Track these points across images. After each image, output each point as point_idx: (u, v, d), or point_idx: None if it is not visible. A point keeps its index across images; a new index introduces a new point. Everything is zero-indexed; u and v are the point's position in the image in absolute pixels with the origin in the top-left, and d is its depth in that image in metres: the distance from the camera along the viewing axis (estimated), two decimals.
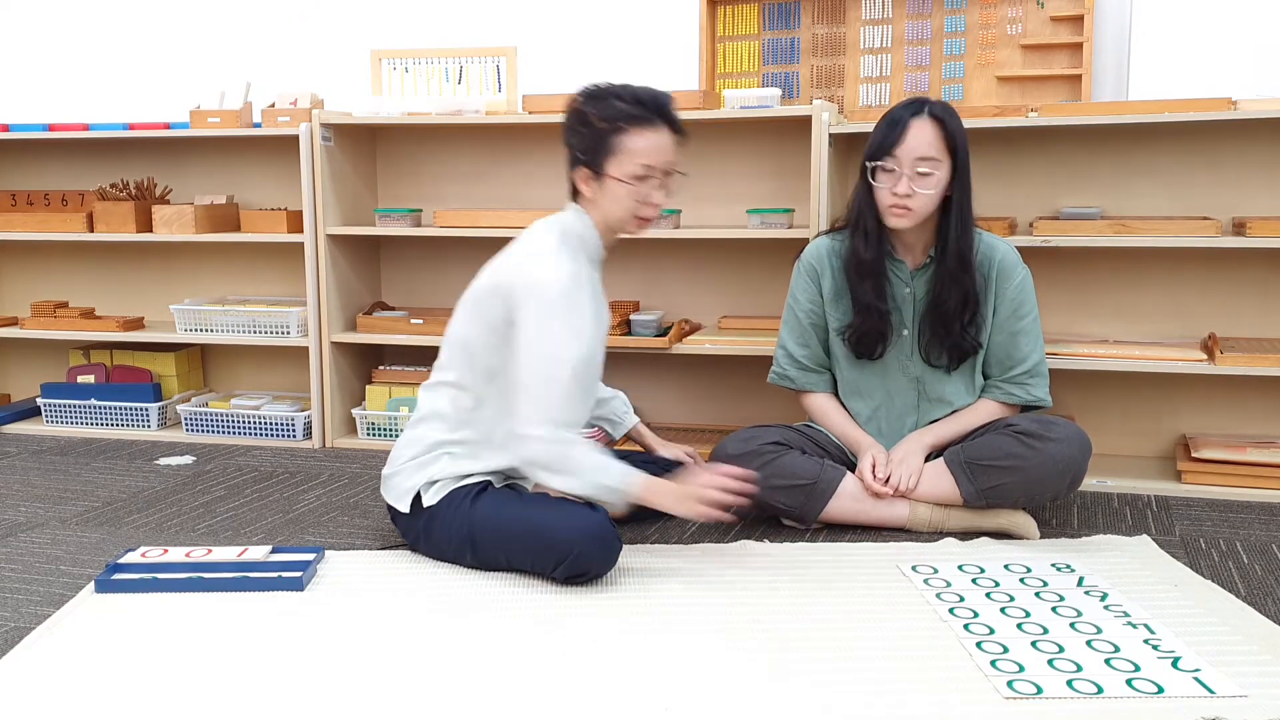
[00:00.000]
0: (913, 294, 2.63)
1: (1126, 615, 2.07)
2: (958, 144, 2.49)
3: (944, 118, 2.48)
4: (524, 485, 2.44)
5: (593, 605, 2.14)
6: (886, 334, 2.62)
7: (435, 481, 2.35)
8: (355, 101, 3.53)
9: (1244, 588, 2.25)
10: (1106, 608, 2.11)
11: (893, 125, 2.48)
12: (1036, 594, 2.19)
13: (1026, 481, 2.51)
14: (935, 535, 2.57)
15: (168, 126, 3.67)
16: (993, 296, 2.63)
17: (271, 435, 3.64)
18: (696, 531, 2.63)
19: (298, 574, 2.24)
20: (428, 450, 2.37)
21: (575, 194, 2.39)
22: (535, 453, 2.23)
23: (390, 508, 2.45)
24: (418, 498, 2.36)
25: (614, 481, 2.23)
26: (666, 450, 2.74)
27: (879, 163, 2.49)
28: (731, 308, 3.58)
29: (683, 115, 3.18)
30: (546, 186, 3.68)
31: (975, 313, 2.59)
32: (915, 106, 2.49)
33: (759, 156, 3.47)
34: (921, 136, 2.45)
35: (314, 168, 3.49)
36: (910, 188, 2.46)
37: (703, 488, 2.24)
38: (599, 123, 2.27)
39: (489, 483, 2.37)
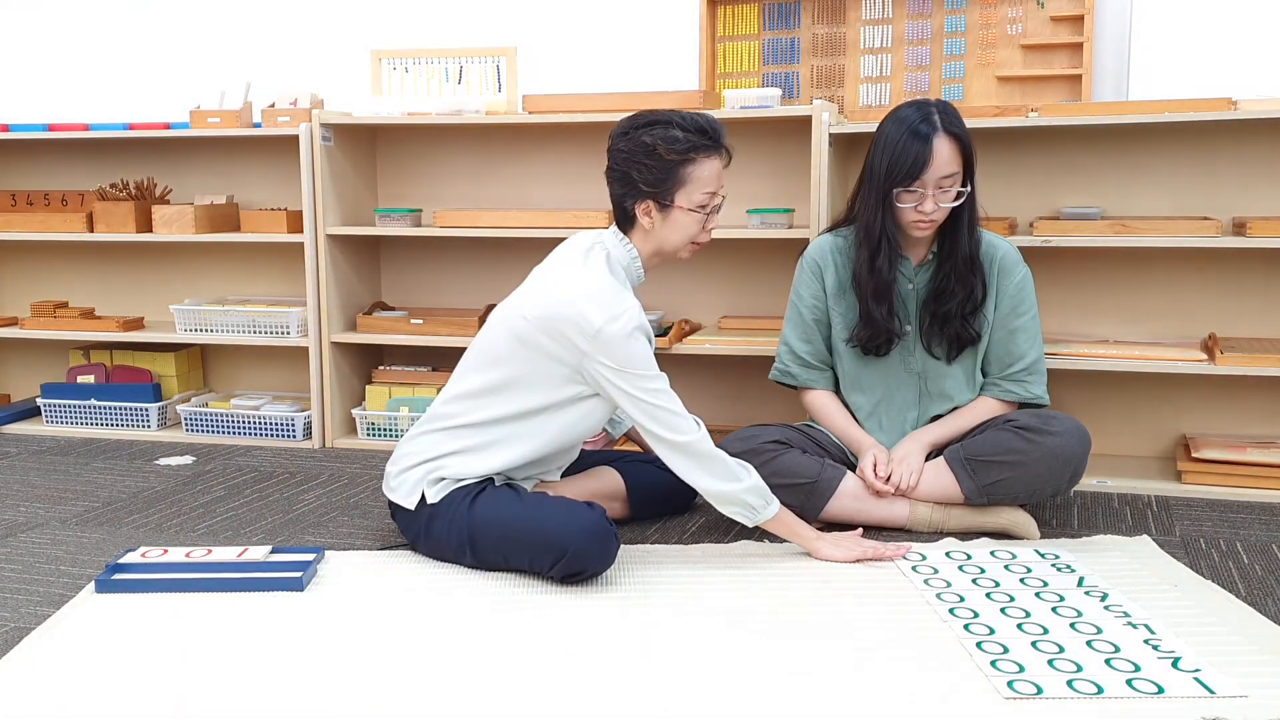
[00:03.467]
0: (915, 290, 2.64)
1: (1127, 615, 2.07)
2: (969, 151, 2.50)
3: (958, 132, 2.48)
4: (523, 485, 2.44)
5: (593, 605, 2.14)
6: (893, 337, 2.63)
7: (441, 479, 2.35)
8: (355, 101, 3.53)
9: (1244, 588, 2.25)
10: (1107, 608, 2.11)
11: (915, 150, 2.46)
12: (1037, 594, 2.19)
13: (1027, 476, 2.51)
14: (935, 535, 2.57)
15: (168, 126, 3.67)
16: (994, 294, 2.64)
17: (271, 435, 3.64)
18: (696, 531, 2.63)
19: (298, 574, 2.24)
20: (440, 455, 2.37)
21: (625, 222, 2.38)
22: (695, 449, 2.29)
23: (391, 505, 2.45)
24: (422, 495, 2.36)
25: (759, 501, 2.32)
26: None
27: (905, 187, 2.48)
28: (731, 308, 3.58)
29: None
30: (546, 186, 3.68)
31: (977, 305, 2.60)
32: (927, 123, 2.47)
33: (759, 156, 3.46)
34: (944, 157, 2.46)
35: (314, 168, 3.49)
36: (935, 204, 2.48)
37: (861, 545, 2.39)
38: (669, 155, 2.28)
39: (489, 481, 2.37)
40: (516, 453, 2.36)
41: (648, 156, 2.29)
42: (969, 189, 2.52)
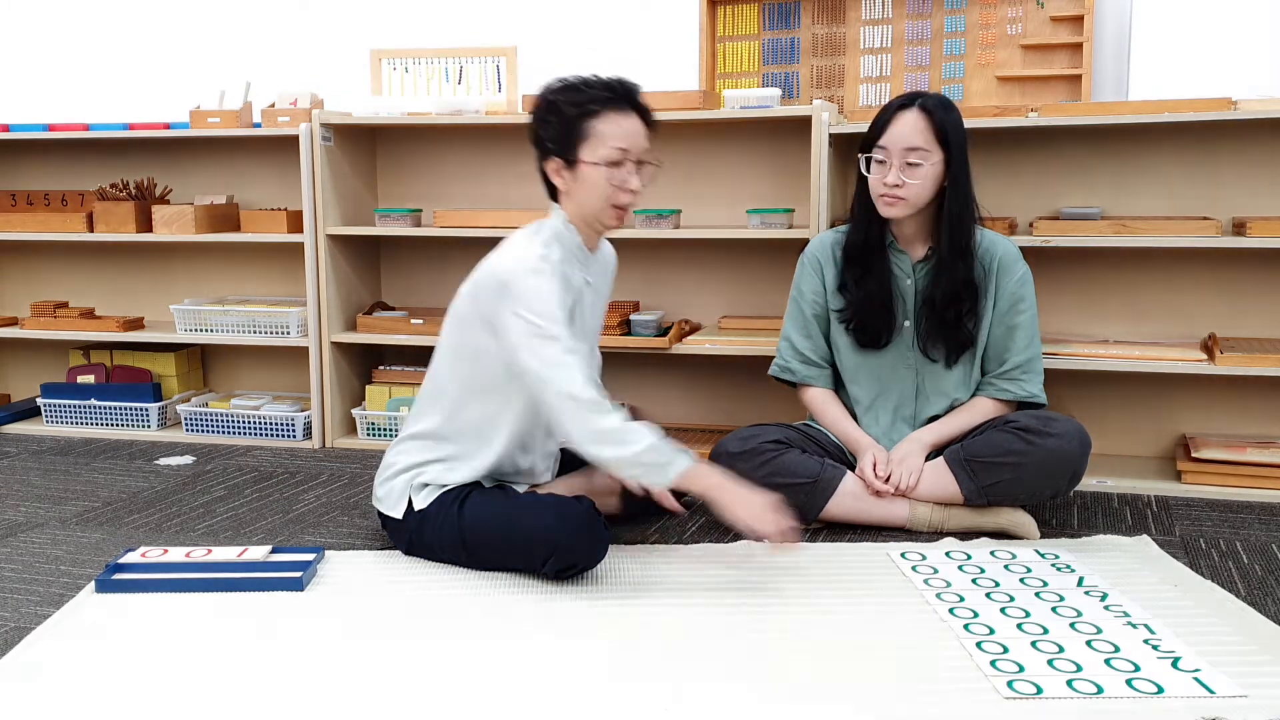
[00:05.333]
0: (914, 286, 2.65)
1: (1126, 615, 2.07)
2: (950, 136, 2.51)
3: (935, 110, 2.52)
4: (513, 486, 2.44)
5: (593, 604, 2.14)
6: (890, 324, 2.63)
7: (426, 484, 2.36)
8: (355, 101, 3.52)
9: (1244, 588, 2.25)
10: (1106, 608, 2.11)
11: (882, 116, 2.55)
12: (1036, 594, 2.19)
13: (1027, 478, 2.51)
14: (935, 535, 2.57)
15: (168, 126, 3.67)
16: (993, 291, 2.64)
17: (271, 435, 3.64)
18: (696, 531, 2.63)
19: (298, 574, 2.24)
20: (420, 463, 2.38)
21: (550, 191, 2.38)
22: (576, 431, 2.18)
23: (382, 516, 2.46)
24: (409, 502, 2.37)
25: (664, 457, 2.16)
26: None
27: (869, 154, 2.55)
28: (731, 308, 3.58)
29: (682, 115, 3.22)
30: None
31: (973, 304, 2.60)
32: (908, 99, 2.55)
33: (759, 156, 3.46)
34: (909, 126, 2.50)
35: (314, 168, 3.49)
36: (899, 177, 2.50)
37: (774, 510, 2.17)
38: (570, 109, 2.26)
39: (477, 483, 2.38)
40: (490, 456, 2.36)
41: (550, 113, 2.28)
42: (940, 166, 2.52)
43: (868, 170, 2.57)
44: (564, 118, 2.26)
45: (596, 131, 2.26)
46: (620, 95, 2.29)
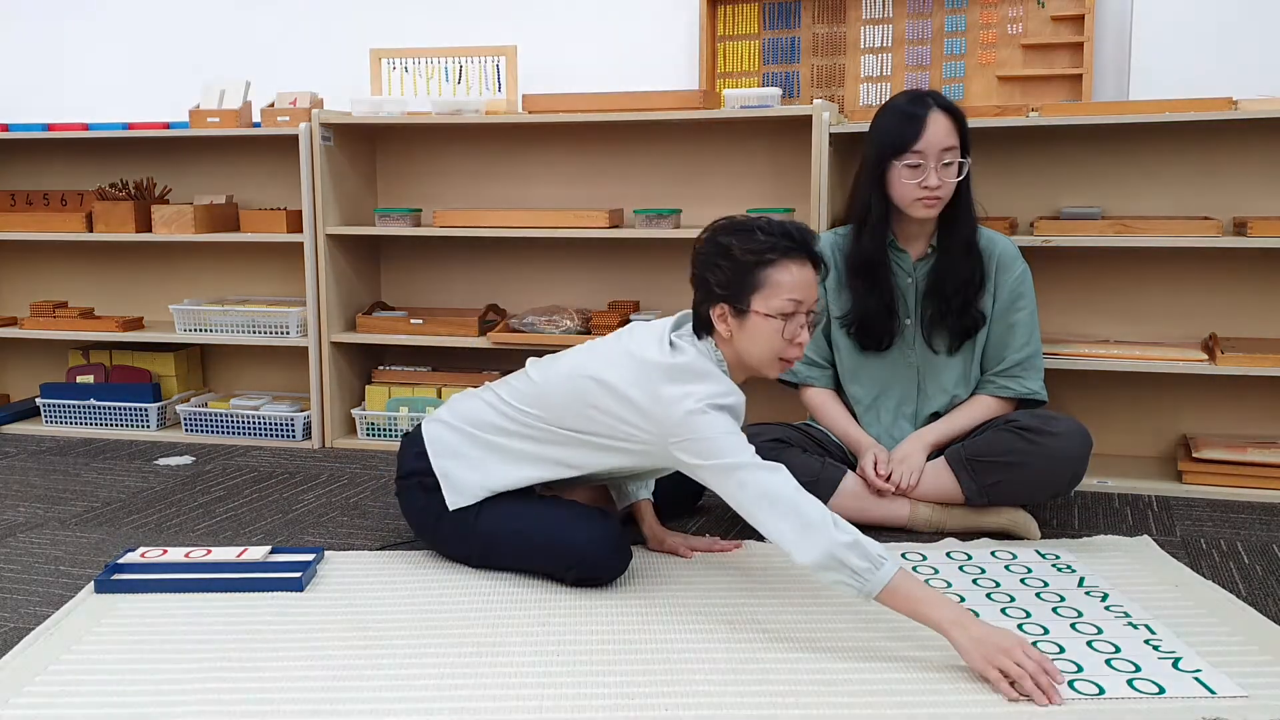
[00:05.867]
0: (915, 283, 2.65)
1: (1127, 616, 2.07)
2: (964, 128, 2.54)
3: (951, 108, 2.54)
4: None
5: (594, 605, 2.13)
6: (892, 327, 2.64)
7: (468, 491, 2.29)
8: (355, 101, 3.52)
9: (1245, 588, 2.25)
10: (1107, 608, 2.11)
11: (910, 120, 2.51)
12: (1037, 594, 2.19)
13: (1028, 478, 2.51)
14: (936, 535, 2.57)
15: (167, 126, 3.67)
16: (992, 287, 2.64)
17: (271, 435, 3.64)
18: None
19: (297, 574, 2.24)
20: (477, 463, 2.30)
21: (702, 329, 2.23)
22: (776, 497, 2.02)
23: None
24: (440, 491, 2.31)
25: (866, 564, 1.87)
26: (663, 539, 2.47)
27: (903, 160, 2.51)
28: None
29: (682, 115, 3.22)
30: (546, 186, 3.68)
31: (978, 290, 2.61)
32: (922, 101, 2.53)
33: (759, 156, 3.46)
34: (942, 128, 2.50)
35: (314, 167, 3.48)
36: (940, 179, 2.50)
37: (1014, 652, 1.77)
38: (744, 255, 2.14)
39: None
40: (541, 473, 2.29)
41: (722, 257, 2.16)
42: (969, 161, 2.54)
43: (901, 179, 2.52)
44: (737, 264, 2.15)
45: (773, 281, 2.14)
46: (798, 244, 2.16)
